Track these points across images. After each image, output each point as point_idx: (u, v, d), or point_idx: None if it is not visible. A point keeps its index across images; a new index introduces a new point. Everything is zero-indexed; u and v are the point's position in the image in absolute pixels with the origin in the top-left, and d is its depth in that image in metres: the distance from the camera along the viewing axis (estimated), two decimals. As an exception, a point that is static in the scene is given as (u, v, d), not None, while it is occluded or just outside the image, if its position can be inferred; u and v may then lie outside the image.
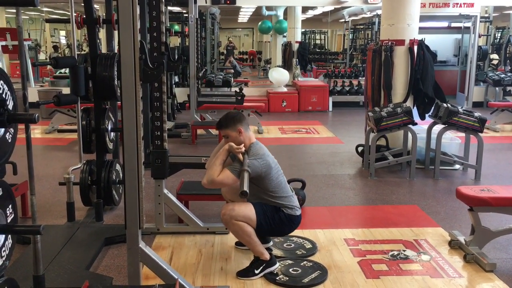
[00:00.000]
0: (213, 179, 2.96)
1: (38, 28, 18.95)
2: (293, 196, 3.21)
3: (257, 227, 3.06)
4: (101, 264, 3.32)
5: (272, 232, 3.24)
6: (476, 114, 5.36)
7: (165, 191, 3.74)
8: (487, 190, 3.41)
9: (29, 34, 17.60)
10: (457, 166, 5.82)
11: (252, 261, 3.16)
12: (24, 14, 17.20)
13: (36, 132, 8.12)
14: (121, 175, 4.29)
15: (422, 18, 6.42)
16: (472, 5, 10.35)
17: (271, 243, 3.49)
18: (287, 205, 3.12)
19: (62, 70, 11.11)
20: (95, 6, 4.12)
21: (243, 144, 3.06)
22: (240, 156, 3.00)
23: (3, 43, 10.46)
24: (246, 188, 2.78)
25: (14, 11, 2.49)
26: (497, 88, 10.50)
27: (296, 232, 3.82)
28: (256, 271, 3.10)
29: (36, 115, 2.04)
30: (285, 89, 11.11)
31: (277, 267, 3.17)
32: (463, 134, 5.65)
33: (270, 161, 3.06)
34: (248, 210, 3.04)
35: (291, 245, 3.62)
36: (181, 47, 11.16)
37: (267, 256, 3.13)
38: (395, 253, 3.51)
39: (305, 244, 3.63)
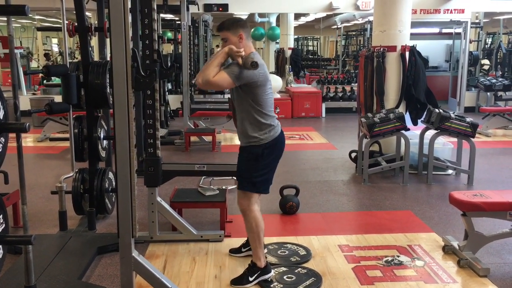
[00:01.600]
0: (209, 79, 2.83)
1: (30, 36, 18.90)
2: (275, 117, 3.12)
3: (261, 187, 3.06)
4: (94, 274, 3.29)
5: (272, 169, 3.16)
6: (468, 119, 5.39)
7: (158, 199, 3.72)
8: (479, 195, 3.42)
9: (21, 42, 17.54)
10: (449, 171, 5.84)
11: (246, 268, 3.15)
12: (16, 22, 17.14)
13: (28, 140, 8.07)
14: (114, 183, 4.27)
15: (414, 24, 6.46)
16: (462, 11, 10.45)
17: (265, 250, 3.47)
18: (268, 125, 3.01)
19: (53, 78, 11.06)
20: (87, 14, 4.11)
21: (243, 49, 2.93)
22: (240, 60, 2.87)
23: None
24: (256, 59, 2.80)
25: (5, 19, 2.48)
26: (488, 93, 10.58)
27: (290, 239, 3.83)
28: (251, 279, 3.08)
29: (27, 124, 2.03)
30: (278, 96, 11.12)
31: (271, 275, 3.15)
32: (455, 139, 5.67)
33: (267, 73, 3.00)
34: (248, 192, 3.04)
35: (285, 252, 3.61)
36: (174, 54, 11.17)
37: (263, 263, 3.12)
38: (389, 259, 3.51)
39: (299, 251, 3.62)
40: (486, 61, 14.02)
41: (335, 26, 16.26)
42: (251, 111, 2.99)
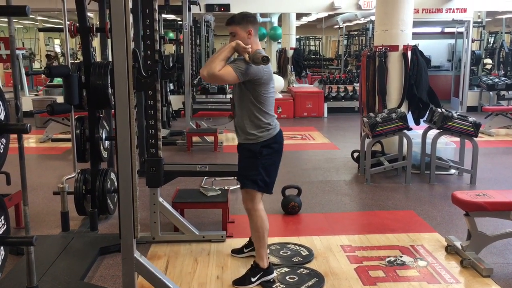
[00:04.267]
0: (214, 72, 2.80)
1: (32, 37, 18.94)
2: (275, 117, 3.11)
3: (264, 186, 3.05)
4: (96, 274, 3.29)
5: (274, 168, 3.12)
6: (471, 118, 5.37)
7: (160, 199, 3.72)
8: (482, 195, 3.41)
9: (23, 43, 17.58)
10: (452, 171, 5.82)
11: (248, 269, 3.14)
12: (18, 23, 17.18)
13: (31, 141, 8.08)
14: (115, 184, 4.27)
15: (416, 24, 6.45)
16: (465, 10, 10.43)
17: (268, 250, 3.46)
18: (268, 124, 3.00)
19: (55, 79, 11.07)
20: (89, 14, 4.11)
21: (250, 45, 2.91)
22: (246, 56, 2.85)
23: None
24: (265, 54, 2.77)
25: (7, 20, 2.47)
26: (491, 93, 10.55)
27: (293, 239, 3.82)
28: (253, 279, 3.07)
29: (28, 125, 2.03)
30: (280, 96, 11.12)
31: (273, 276, 3.14)
32: (458, 139, 5.66)
33: (271, 72, 3.00)
34: (251, 190, 3.04)
35: (288, 252, 3.60)
36: (176, 54, 11.17)
37: (266, 264, 3.11)
38: (392, 259, 3.50)
39: (301, 251, 3.61)
40: (488, 60, 13.98)
41: (337, 26, 16.24)
42: (251, 109, 2.98)
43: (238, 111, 3.07)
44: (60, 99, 8.41)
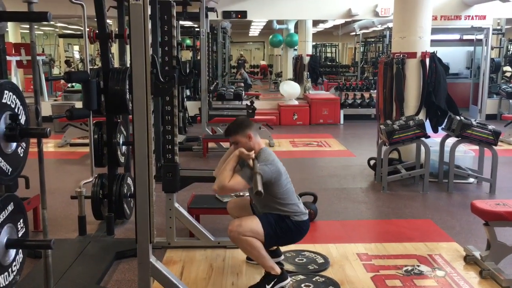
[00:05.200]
0: (224, 184, 2.91)
1: (52, 43, 19.25)
2: (300, 203, 3.17)
3: (266, 239, 3.02)
4: (112, 279, 3.31)
5: (282, 242, 3.19)
6: (490, 126, 5.29)
7: (176, 204, 3.73)
8: (502, 204, 3.35)
9: (43, 49, 17.87)
10: (471, 180, 5.74)
11: (263, 276, 3.12)
12: (38, 29, 17.49)
13: (49, 146, 8.19)
14: (132, 188, 4.29)
15: (434, 31, 6.39)
16: (484, 17, 10.30)
17: (282, 257, 3.45)
18: (294, 212, 3.07)
19: (74, 84, 11.23)
20: (108, 21, 4.16)
21: (253, 151, 3.02)
22: (251, 162, 2.96)
23: (18, 58, 10.62)
24: (260, 188, 2.74)
25: (28, 26, 2.52)
26: (510, 101, 10.40)
27: (308, 247, 3.79)
28: (268, 287, 3.05)
29: (48, 130, 2.05)
30: (296, 102, 11.10)
31: (288, 282, 3.12)
32: (477, 147, 5.57)
33: (280, 167, 3.04)
34: (254, 224, 3.00)
35: (303, 259, 3.58)
36: (192, 61, 11.23)
37: (278, 270, 3.09)
38: (409, 268, 3.45)
39: (317, 259, 3.58)
40: (508, 68, 13.78)
41: (354, 33, 16.19)
42: (274, 205, 3.05)
43: (262, 210, 3.12)
44: (78, 105, 8.51)
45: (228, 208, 3.42)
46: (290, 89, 11.13)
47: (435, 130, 5.94)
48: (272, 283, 3.06)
